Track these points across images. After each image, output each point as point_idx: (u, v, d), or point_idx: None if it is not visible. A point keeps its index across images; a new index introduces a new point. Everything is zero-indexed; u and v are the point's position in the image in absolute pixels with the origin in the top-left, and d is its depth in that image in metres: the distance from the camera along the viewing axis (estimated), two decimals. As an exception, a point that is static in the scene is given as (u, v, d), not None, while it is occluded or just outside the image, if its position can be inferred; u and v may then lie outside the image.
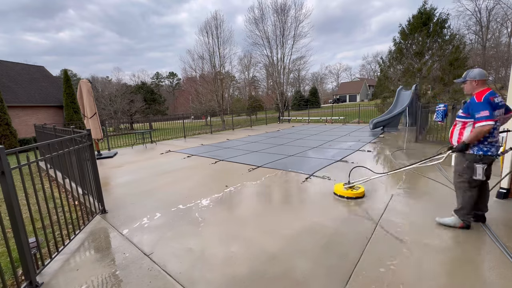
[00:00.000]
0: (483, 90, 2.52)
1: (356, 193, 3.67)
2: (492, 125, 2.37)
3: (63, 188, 4.72)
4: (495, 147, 2.48)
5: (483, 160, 2.48)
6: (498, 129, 2.52)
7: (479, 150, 2.49)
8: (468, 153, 2.55)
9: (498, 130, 2.52)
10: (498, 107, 2.45)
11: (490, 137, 2.46)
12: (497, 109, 2.44)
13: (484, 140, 2.47)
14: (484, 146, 2.48)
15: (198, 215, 3.39)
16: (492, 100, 2.43)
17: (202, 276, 2.18)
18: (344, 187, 3.81)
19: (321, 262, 2.27)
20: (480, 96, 2.47)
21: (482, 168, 2.47)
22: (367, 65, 70.06)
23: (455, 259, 2.21)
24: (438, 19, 14.46)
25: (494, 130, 2.45)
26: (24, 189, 2.15)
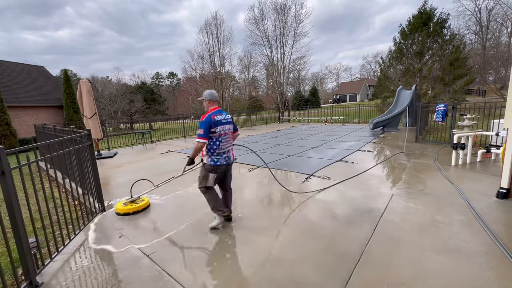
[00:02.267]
0: (211, 109, 2.85)
1: (137, 207, 3.53)
2: (204, 143, 2.71)
3: (63, 188, 4.72)
4: (223, 157, 2.85)
5: (214, 170, 2.82)
6: (224, 142, 2.84)
7: (211, 160, 2.80)
8: (206, 163, 2.84)
9: (223, 143, 2.83)
10: (220, 124, 2.77)
11: (218, 149, 2.79)
12: (218, 125, 2.76)
13: (213, 152, 2.79)
14: (214, 157, 2.80)
15: (199, 215, 3.39)
16: (213, 119, 2.73)
17: (202, 282, 2.18)
18: (124, 203, 3.61)
19: (321, 262, 2.27)
20: (204, 115, 2.78)
21: (213, 177, 2.84)
22: (367, 65, 70.13)
23: (455, 259, 2.21)
24: (438, 19, 14.46)
25: (219, 143, 2.79)
26: (24, 189, 2.15)
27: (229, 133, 2.92)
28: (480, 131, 5.45)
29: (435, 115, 7.35)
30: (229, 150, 2.95)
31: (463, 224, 2.80)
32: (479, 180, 4.21)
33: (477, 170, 4.81)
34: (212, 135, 2.74)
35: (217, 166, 2.81)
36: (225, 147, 2.86)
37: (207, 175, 2.84)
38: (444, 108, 7.10)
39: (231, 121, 2.98)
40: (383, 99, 16.81)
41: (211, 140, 2.76)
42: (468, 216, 2.97)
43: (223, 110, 2.98)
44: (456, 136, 5.19)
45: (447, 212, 3.11)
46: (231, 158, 2.97)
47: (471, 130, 5.50)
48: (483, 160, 5.34)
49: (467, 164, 5.19)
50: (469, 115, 5.64)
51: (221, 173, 2.93)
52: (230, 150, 2.97)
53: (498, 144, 6.08)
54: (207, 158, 2.82)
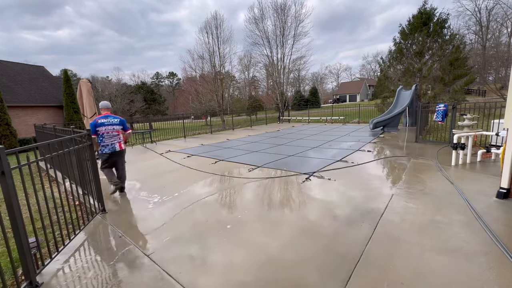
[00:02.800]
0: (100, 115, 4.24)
1: None
2: (93, 136, 3.92)
3: (63, 188, 4.71)
4: (107, 148, 4.13)
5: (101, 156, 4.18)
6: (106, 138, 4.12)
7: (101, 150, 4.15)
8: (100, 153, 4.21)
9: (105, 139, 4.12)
10: (102, 125, 4.08)
11: (102, 143, 4.10)
12: (101, 126, 4.07)
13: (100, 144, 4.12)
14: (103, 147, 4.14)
15: (198, 215, 3.39)
16: (97, 122, 4.06)
17: (204, 284, 2.18)
18: None
19: (321, 262, 2.27)
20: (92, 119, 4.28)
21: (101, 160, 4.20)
22: (367, 65, 70.14)
23: (455, 259, 2.21)
24: (438, 19, 14.45)
25: (102, 139, 4.09)
26: (24, 189, 2.15)
27: (112, 132, 4.16)
28: (480, 131, 5.45)
29: (435, 115, 7.35)
30: (113, 143, 4.18)
31: (463, 224, 2.80)
32: (479, 180, 4.21)
33: (477, 170, 4.81)
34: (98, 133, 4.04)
35: (102, 154, 4.14)
36: (107, 142, 4.13)
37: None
38: (444, 108, 7.10)
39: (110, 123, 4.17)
40: (383, 99, 16.81)
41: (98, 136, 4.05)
42: (468, 216, 2.97)
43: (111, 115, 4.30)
44: (456, 136, 5.19)
45: (447, 212, 3.11)
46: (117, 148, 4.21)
47: (471, 130, 5.50)
48: (483, 160, 5.34)
49: (467, 164, 5.19)
50: (469, 115, 5.64)
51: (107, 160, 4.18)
52: (115, 143, 4.20)
53: (498, 144, 6.08)
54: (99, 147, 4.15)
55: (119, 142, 4.24)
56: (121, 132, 4.30)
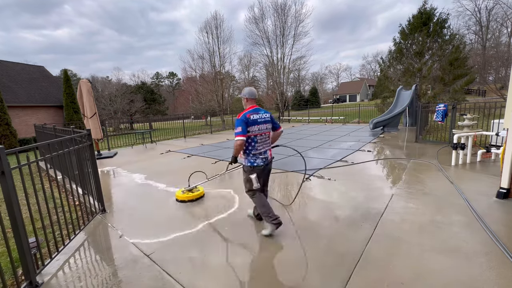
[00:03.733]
0: (249, 107, 2.77)
1: (194, 195, 3.88)
2: (243, 140, 2.56)
3: (63, 188, 4.72)
4: (260, 158, 2.71)
5: (253, 171, 2.70)
6: (260, 142, 2.71)
7: (248, 162, 2.71)
8: (244, 165, 2.76)
9: (259, 143, 2.70)
10: (256, 123, 2.67)
11: (253, 150, 2.68)
12: (255, 125, 2.66)
13: (249, 153, 2.69)
14: (251, 158, 2.70)
15: (198, 215, 3.39)
16: (248, 117, 2.64)
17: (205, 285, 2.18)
18: (182, 191, 3.99)
19: (321, 262, 2.27)
20: (240, 114, 2.71)
21: (253, 178, 2.67)
22: (367, 65, 70.12)
23: (455, 259, 2.21)
24: (438, 19, 14.46)
25: (255, 144, 2.67)
26: (24, 189, 2.15)
27: (266, 133, 2.79)
28: (480, 131, 5.45)
29: (435, 115, 7.35)
30: (266, 151, 2.80)
31: (463, 224, 2.80)
32: (479, 180, 4.21)
33: (477, 170, 4.81)
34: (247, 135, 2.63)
35: (254, 167, 2.70)
36: (260, 148, 2.72)
37: (248, 177, 2.72)
38: (444, 108, 7.10)
39: (269, 120, 2.82)
40: (383, 99, 16.81)
41: (246, 140, 2.64)
42: (468, 216, 2.97)
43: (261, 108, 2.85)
44: (456, 136, 5.19)
45: (447, 212, 3.11)
46: (268, 158, 2.82)
47: (471, 130, 5.50)
48: (483, 160, 5.34)
49: (467, 164, 5.19)
50: (469, 115, 5.64)
51: (260, 173, 2.76)
52: (267, 150, 2.83)
53: (498, 144, 6.08)
54: (244, 159, 2.75)
55: (270, 149, 2.92)
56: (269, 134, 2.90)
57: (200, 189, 4.09)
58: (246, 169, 2.77)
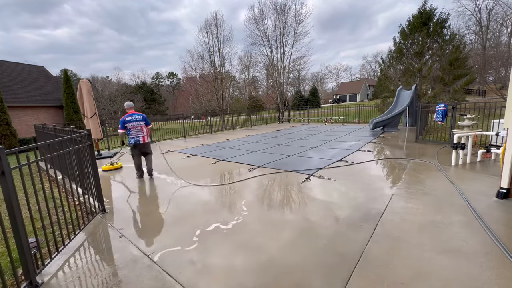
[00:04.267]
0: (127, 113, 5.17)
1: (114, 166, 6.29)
2: (122, 131, 5.12)
3: (63, 188, 4.71)
4: (134, 139, 5.11)
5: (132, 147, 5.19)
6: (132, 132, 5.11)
7: (129, 141, 5.16)
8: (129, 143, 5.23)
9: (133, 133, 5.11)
10: (129, 122, 5.05)
11: (129, 136, 5.13)
12: (128, 123, 5.06)
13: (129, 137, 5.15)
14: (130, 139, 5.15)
15: (198, 216, 3.39)
16: (124, 119, 5.04)
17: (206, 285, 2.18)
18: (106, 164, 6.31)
19: (321, 261, 2.27)
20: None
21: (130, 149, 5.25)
22: (367, 65, 70.15)
23: (455, 259, 2.21)
24: (438, 19, 14.45)
25: (129, 133, 5.10)
26: (24, 189, 2.15)
27: (138, 126, 5.11)
28: (480, 131, 5.45)
29: (435, 115, 7.35)
30: (138, 136, 5.12)
31: (463, 224, 2.80)
32: (479, 180, 4.21)
33: (477, 170, 4.81)
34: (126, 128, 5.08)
35: (131, 144, 5.14)
36: (134, 135, 5.11)
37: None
38: (444, 108, 7.10)
39: (135, 120, 5.10)
40: (383, 99, 16.81)
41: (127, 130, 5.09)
42: (468, 216, 2.97)
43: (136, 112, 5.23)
44: (456, 136, 5.19)
45: (447, 212, 3.11)
46: (140, 141, 5.15)
47: (471, 130, 5.50)
48: (483, 160, 5.34)
49: (467, 164, 5.19)
50: (469, 115, 5.64)
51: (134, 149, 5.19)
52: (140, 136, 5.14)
53: (498, 144, 6.08)
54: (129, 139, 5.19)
55: (143, 136, 5.15)
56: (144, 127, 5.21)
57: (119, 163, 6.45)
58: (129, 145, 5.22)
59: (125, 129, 5.03)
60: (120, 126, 5.01)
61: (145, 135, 5.15)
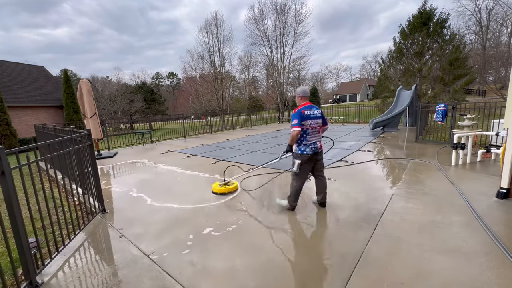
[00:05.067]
0: (302, 104, 3.19)
1: (229, 189, 4.22)
2: (298, 131, 3.02)
3: (63, 188, 4.71)
4: (309, 147, 3.13)
5: (300, 157, 3.13)
6: (311, 135, 3.15)
7: (298, 150, 3.15)
8: (294, 152, 3.22)
9: (310, 135, 3.14)
10: (309, 118, 3.08)
11: (304, 140, 3.11)
12: (308, 119, 3.07)
13: (300, 143, 3.12)
14: (302, 146, 3.12)
15: (198, 216, 3.39)
16: (303, 112, 3.06)
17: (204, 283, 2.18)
18: (219, 185, 4.33)
19: (321, 261, 2.27)
20: (296, 109, 3.17)
21: (298, 163, 3.14)
22: (367, 65, 70.14)
23: (455, 259, 2.21)
24: (438, 19, 14.46)
25: (306, 136, 3.10)
26: (24, 189, 2.15)
27: (317, 127, 3.19)
28: (480, 131, 5.45)
29: (435, 115, 7.35)
30: (315, 142, 3.20)
31: (463, 224, 2.80)
32: (479, 180, 4.21)
33: (477, 170, 4.81)
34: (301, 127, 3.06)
35: (303, 155, 3.11)
36: (310, 139, 3.14)
37: (293, 161, 3.23)
38: (444, 108, 7.10)
39: (320, 116, 3.24)
40: (383, 99, 16.81)
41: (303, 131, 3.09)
42: (468, 216, 2.97)
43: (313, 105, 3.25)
44: (456, 136, 5.19)
45: (447, 212, 3.11)
46: (318, 148, 3.21)
47: (471, 130, 5.50)
48: (483, 160, 5.34)
49: (467, 164, 5.19)
50: (469, 115, 5.64)
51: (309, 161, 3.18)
52: (317, 142, 3.24)
53: (498, 144, 6.08)
54: (295, 147, 3.19)
55: (320, 141, 3.32)
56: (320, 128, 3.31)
57: (234, 183, 4.46)
58: (294, 155, 3.24)
59: (301, 127, 3.05)
60: (296, 121, 3.04)
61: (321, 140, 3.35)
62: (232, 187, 4.25)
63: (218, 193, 4.15)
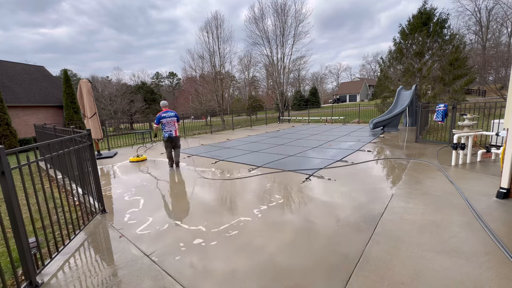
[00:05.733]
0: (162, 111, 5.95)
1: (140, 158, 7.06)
2: (157, 126, 5.94)
3: (63, 188, 4.71)
4: (168, 133, 5.88)
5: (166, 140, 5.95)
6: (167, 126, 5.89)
7: (164, 135, 5.93)
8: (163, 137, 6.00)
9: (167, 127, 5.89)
10: (164, 118, 5.83)
11: (163, 131, 5.90)
12: (163, 119, 5.84)
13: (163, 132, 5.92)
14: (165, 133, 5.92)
15: (199, 216, 3.40)
16: (160, 115, 5.84)
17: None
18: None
19: (321, 261, 2.27)
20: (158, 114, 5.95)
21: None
22: (367, 65, 70.16)
23: (455, 259, 2.21)
24: (438, 19, 14.48)
25: (164, 127, 5.88)
26: (24, 189, 2.15)
27: (171, 122, 5.89)
28: (480, 131, 5.45)
29: (435, 115, 7.35)
30: (171, 130, 5.89)
31: (463, 224, 2.80)
32: (479, 180, 4.21)
33: (477, 170, 4.81)
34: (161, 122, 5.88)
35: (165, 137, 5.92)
36: (168, 130, 5.89)
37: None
38: (444, 108, 7.10)
39: (169, 117, 5.89)
40: (383, 99, 16.83)
41: (162, 125, 5.89)
42: (468, 216, 2.97)
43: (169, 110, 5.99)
44: (456, 136, 5.19)
45: (447, 212, 3.11)
46: (173, 134, 5.91)
47: (471, 130, 5.50)
48: (483, 160, 5.34)
49: (467, 164, 5.19)
50: (469, 115, 5.64)
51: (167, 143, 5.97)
52: (172, 130, 5.90)
53: (498, 144, 6.08)
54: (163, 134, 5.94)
55: (175, 130, 5.93)
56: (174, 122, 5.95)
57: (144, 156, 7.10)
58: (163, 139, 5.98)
59: (159, 124, 5.84)
60: (155, 121, 5.84)
61: (176, 129, 5.93)
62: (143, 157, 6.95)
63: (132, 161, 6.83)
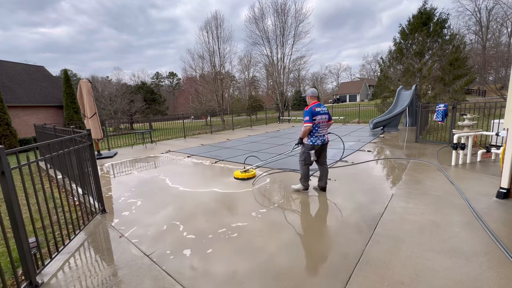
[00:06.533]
0: (312, 102, 3.82)
1: (248, 175, 4.91)
2: (310, 126, 3.66)
3: (63, 188, 4.72)
4: (320, 139, 3.79)
5: (313, 148, 3.78)
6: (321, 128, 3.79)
7: (310, 141, 3.77)
8: (305, 143, 3.84)
9: (320, 129, 3.77)
10: (318, 114, 3.70)
11: (316, 133, 3.75)
12: (317, 115, 3.69)
13: (311, 135, 3.75)
14: (313, 139, 3.77)
15: (199, 216, 3.39)
16: (314, 109, 3.70)
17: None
18: (240, 171, 5.02)
19: (321, 261, 2.27)
20: (307, 107, 3.82)
21: (312, 153, 3.78)
22: (367, 65, 70.14)
23: (455, 259, 2.21)
24: (438, 19, 14.48)
25: (317, 129, 3.74)
26: (24, 189, 2.15)
27: (325, 122, 3.81)
28: (480, 131, 5.45)
29: (435, 115, 7.35)
30: (324, 134, 3.85)
31: (463, 224, 2.80)
32: (479, 180, 4.21)
33: (477, 170, 4.81)
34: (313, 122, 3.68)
35: (314, 146, 3.76)
36: (320, 132, 3.78)
37: (307, 152, 3.83)
38: (444, 108, 7.10)
39: (327, 112, 3.88)
40: (383, 99, 16.83)
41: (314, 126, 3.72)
42: (468, 216, 2.97)
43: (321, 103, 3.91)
44: (456, 136, 5.19)
45: (447, 212, 3.11)
46: (325, 140, 3.90)
47: (471, 130, 5.50)
48: (483, 160, 5.34)
49: (467, 164, 5.18)
50: (469, 115, 5.64)
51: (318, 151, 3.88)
52: (325, 134, 3.88)
53: (498, 144, 6.08)
54: (307, 139, 3.80)
55: (327, 134, 3.99)
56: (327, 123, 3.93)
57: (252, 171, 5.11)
58: (306, 146, 3.82)
59: (312, 123, 3.67)
60: (307, 117, 3.66)
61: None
62: (251, 174, 4.97)
63: (238, 178, 4.88)
